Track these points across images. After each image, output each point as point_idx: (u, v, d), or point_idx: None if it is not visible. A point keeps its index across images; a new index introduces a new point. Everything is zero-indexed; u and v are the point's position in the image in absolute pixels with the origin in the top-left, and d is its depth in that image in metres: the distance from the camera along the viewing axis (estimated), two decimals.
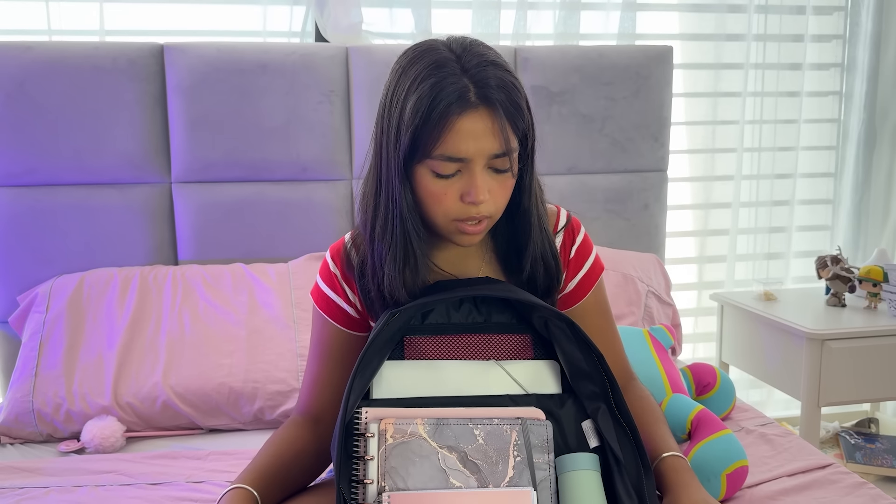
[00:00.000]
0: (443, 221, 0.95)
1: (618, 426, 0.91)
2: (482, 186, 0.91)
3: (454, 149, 0.89)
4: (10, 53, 1.79)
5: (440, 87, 0.88)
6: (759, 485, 1.33)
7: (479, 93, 0.89)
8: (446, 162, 0.90)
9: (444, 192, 0.92)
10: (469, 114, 0.88)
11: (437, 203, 0.93)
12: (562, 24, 2.24)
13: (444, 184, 0.92)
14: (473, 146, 0.89)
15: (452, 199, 0.92)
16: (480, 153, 0.90)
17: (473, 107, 0.89)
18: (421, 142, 0.89)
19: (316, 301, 1.09)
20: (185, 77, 1.87)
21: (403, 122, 0.90)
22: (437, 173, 0.91)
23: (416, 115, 0.89)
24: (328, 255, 1.08)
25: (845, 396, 2.04)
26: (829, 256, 2.19)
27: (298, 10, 2.10)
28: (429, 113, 0.88)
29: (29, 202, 1.84)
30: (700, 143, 2.47)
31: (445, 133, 0.88)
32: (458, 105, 0.88)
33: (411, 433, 0.86)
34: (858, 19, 2.48)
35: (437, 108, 0.88)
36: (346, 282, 1.06)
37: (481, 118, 0.89)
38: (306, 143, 1.96)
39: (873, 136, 2.52)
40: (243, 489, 0.96)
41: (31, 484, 1.35)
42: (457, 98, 0.88)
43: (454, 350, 0.95)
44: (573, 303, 1.09)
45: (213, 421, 1.64)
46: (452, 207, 0.93)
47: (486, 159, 0.91)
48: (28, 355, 1.65)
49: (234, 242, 1.94)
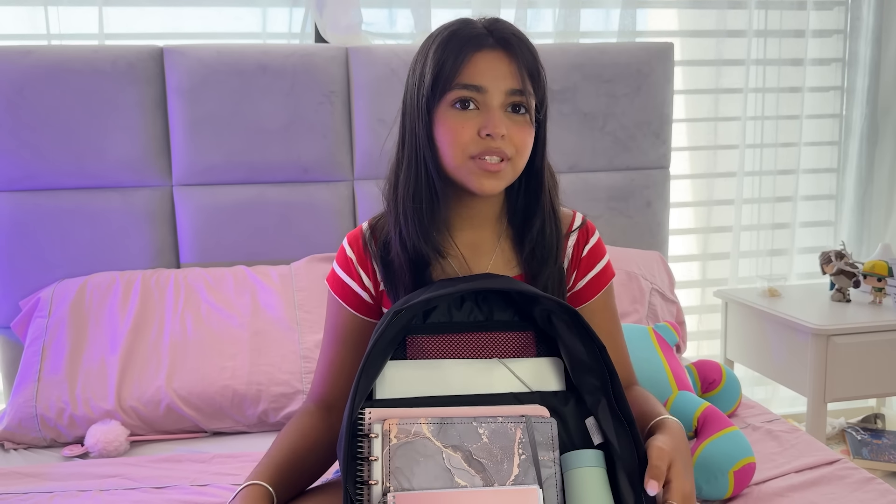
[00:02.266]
0: (460, 163, 0.98)
1: (616, 419, 0.91)
2: (499, 120, 0.96)
3: (472, 77, 0.96)
4: (10, 58, 1.79)
5: (461, 31, 0.98)
6: (766, 481, 1.32)
7: (497, 37, 0.98)
8: (464, 90, 0.96)
9: (462, 126, 0.96)
10: (487, 50, 0.97)
11: (456, 139, 0.97)
12: (562, 21, 2.23)
13: (463, 118, 0.96)
14: (490, 77, 0.96)
15: (470, 134, 0.96)
16: (497, 86, 0.96)
17: (491, 46, 0.97)
18: (441, 76, 0.96)
19: (331, 286, 1.11)
20: (185, 79, 1.87)
21: (427, 65, 0.98)
22: (455, 105, 0.97)
23: (440, 53, 0.97)
24: (345, 241, 1.11)
25: (851, 392, 2.03)
26: (833, 252, 2.18)
27: (298, 11, 2.10)
28: (451, 49, 0.96)
29: (30, 207, 1.84)
30: (702, 140, 2.46)
31: (464, 64, 0.96)
32: (477, 41, 0.97)
33: (415, 433, 0.86)
34: (859, 13, 2.47)
35: (457, 44, 0.96)
36: (361, 266, 1.08)
37: (498, 56, 0.97)
38: (307, 145, 1.95)
39: (876, 130, 2.51)
40: (258, 485, 0.95)
41: (36, 489, 1.35)
42: (476, 37, 0.97)
43: (457, 349, 0.95)
44: (581, 302, 1.11)
45: (217, 424, 1.63)
46: (471, 142, 0.96)
47: (504, 95, 0.97)
48: (31, 360, 1.64)
49: (235, 245, 1.94)
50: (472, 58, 0.96)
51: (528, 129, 0.99)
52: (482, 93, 0.96)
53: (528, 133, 0.99)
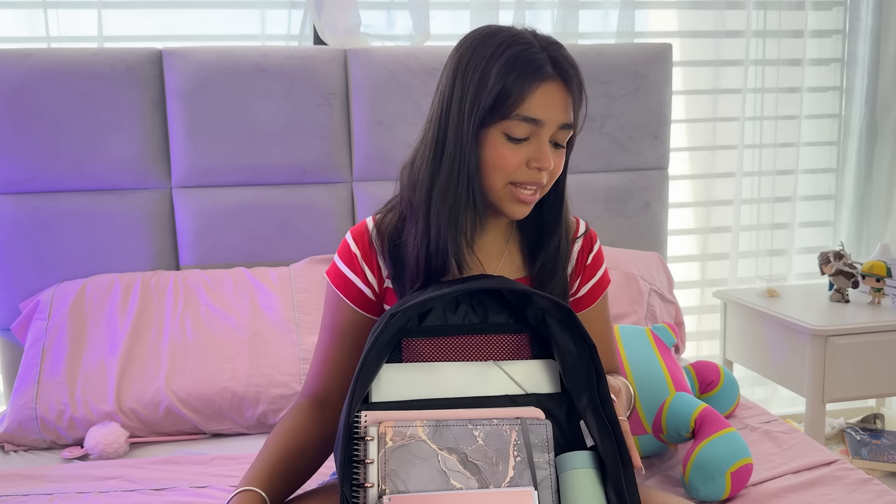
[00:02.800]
0: (500, 186, 1.00)
1: (599, 421, 0.91)
2: (549, 155, 0.98)
3: (533, 111, 0.96)
4: (9, 61, 1.79)
5: (526, 55, 0.96)
6: (763, 482, 1.33)
7: (556, 67, 0.98)
8: (523, 123, 0.97)
9: (512, 155, 0.98)
10: (549, 83, 0.97)
11: (501, 166, 0.98)
12: (560, 23, 2.23)
13: (516, 147, 0.98)
14: (549, 113, 0.97)
15: (518, 164, 0.98)
16: (553, 120, 0.98)
17: (552, 78, 0.97)
18: (502, 102, 0.96)
19: (332, 280, 1.10)
20: (184, 82, 1.88)
21: (487, 85, 0.96)
22: (510, 136, 0.97)
23: (503, 77, 0.95)
24: (349, 236, 1.11)
25: (850, 392, 2.03)
26: (832, 252, 2.18)
27: (296, 13, 2.10)
28: (515, 75, 0.95)
29: (30, 209, 1.84)
30: (700, 141, 2.47)
31: (528, 96, 0.96)
32: (542, 73, 0.96)
33: (411, 436, 0.86)
34: (858, 14, 2.47)
35: (523, 72, 0.95)
36: (366, 262, 1.08)
37: (558, 89, 0.98)
38: (306, 146, 1.96)
39: (875, 130, 2.51)
40: (252, 492, 0.96)
41: (36, 491, 1.35)
42: (540, 67, 0.96)
43: (452, 352, 0.95)
44: (581, 308, 1.14)
45: (217, 425, 1.64)
46: (516, 171, 0.98)
47: (555, 128, 0.99)
48: (30, 362, 1.65)
49: (235, 247, 1.94)
50: (537, 90, 0.96)
51: (563, 158, 1.03)
52: (538, 125, 0.97)
53: (562, 161, 1.03)
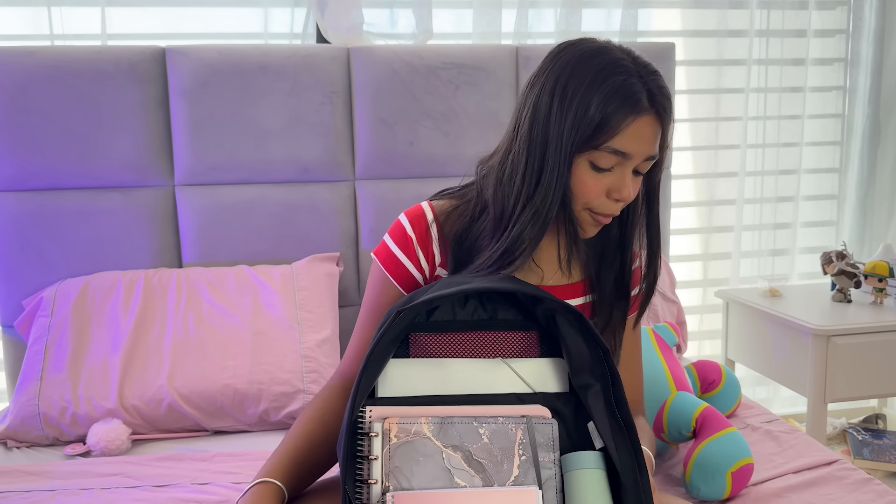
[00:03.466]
0: (579, 210, 1.02)
1: (614, 423, 0.90)
2: (630, 186, 0.99)
3: (624, 145, 0.96)
4: (13, 59, 1.80)
5: (626, 87, 0.95)
6: (764, 482, 1.33)
7: (652, 99, 0.97)
8: (611, 155, 0.97)
9: (595, 185, 0.99)
10: (644, 117, 0.96)
11: (584, 194, 1.00)
12: (563, 22, 2.23)
13: (598, 177, 0.99)
14: (638, 147, 0.97)
15: (599, 193, 0.99)
16: (641, 154, 0.98)
17: (647, 111, 0.97)
18: (597, 133, 0.96)
19: (382, 261, 1.10)
20: (187, 80, 1.88)
21: (588, 114, 0.96)
22: (596, 165, 0.98)
23: (603, 108, 0.95)
24: (406, 219, 1.09)
25: (852, 392, 2.03)
26: (835, 252, 2.18)
27: (299, 11, 2.10)
28: (614, 107, 0.95)
29: (33, 207, 1.84)
30: (703, 140, 2.46)
31: (622, 130, 0.95)
32: (638, 108, 0.96)
33: (415, 432, 0.86)
34: (861, 13, 2.47)
35: (621, 106, 0.95)
36: (422, 247, 1.08)
37: (650, 123, 0.97)
38: (308, 145, 1.96)
39: (878, 130, 2.51)
40: (269, 483, 0.95)
41: (38, 487, 1.35)
42: (638, 101, 0.96)
43: (460, 348, 0.95)
44: None
45: (218, 423, 1.64)
46: (596, 200, 1.00)
47: (641, 161, 0.99)
48: (33, 359, 1.65)
49: (237, 245, 1.94)
50: (633, 124, 0.96)
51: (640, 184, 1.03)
52: (626, 158, 0.98)
53: (638, 188, 1.03)
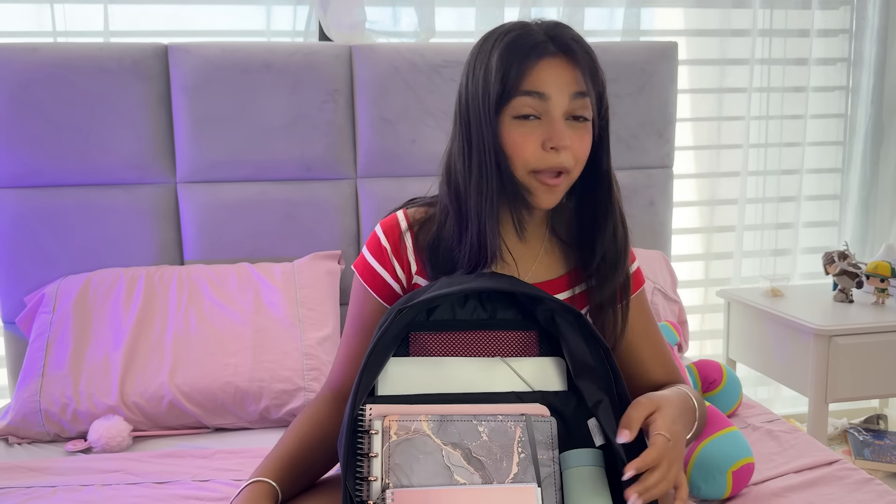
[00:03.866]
0: (524, 176, 0.98)
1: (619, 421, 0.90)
2: (563, 131, 0.96)
3: (535, 85, 0.95)
4: (16, 55, 1.80)
5: (524, 36, 0.97)
6: (765, 482, 1.33)
7: (557, 43, 0.97)
8: (527, 98, 0.95)
9: (525, 139, 0.96)
10: (550, 58, 0.96)
11: (520, 153, 0.97)
12: (565, 20, 2.23)
13: (527, 128, 0.96)
14: (553, 84, 0.96)
15: (534, 147, 0.96)
16: (559, 92, 0.96)
17: (552, 53, 0.97)
18: (507, 83, 0.95)
19: (361, 274, 1.09)
20: (190, 77, 1.88)
21: (491, 71, 0.96)
22: (518, 115, 0.96)
23: (504, 60, 0.96)
24: (380, 229, 1.09)
25: (853, 393, 2.03)
26: (837, 252, 2.18)
27: (302, 9, 2.10)
28: (514, 54, 0.96)
29: (35, 203, 1.85)
30: (705, 140, 2.46)
31: (528, 72, 0.95)
32: (540, 49, 0.96)
33: (415, 430, 0.86)
34: (865, 13, 2.46)
35: (521, 51, 0.96)
36: (396, 257, 1.07)
37: (560, 63, 0.97)
38: (311, 143, 1.96)
39: (881, 130, 2.50)
40: (263, 482, 0.96)
41: (39, 483, 1.36)
42: (538, 44, 0.96)
43: (459, 347, 0.95)
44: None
45: (219, 420, 1.64)
46: (533, 156, 0.97)
47: (567, 101, 0.96)
48: (35, 356, 1.65)
49: (239, 242, 1.94)
50: (536, 65, 0.95)
51: (587, 136, 0.99)
52: (545, 100, 0.95)
53: (586, 141, 0.99)
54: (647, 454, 0.83)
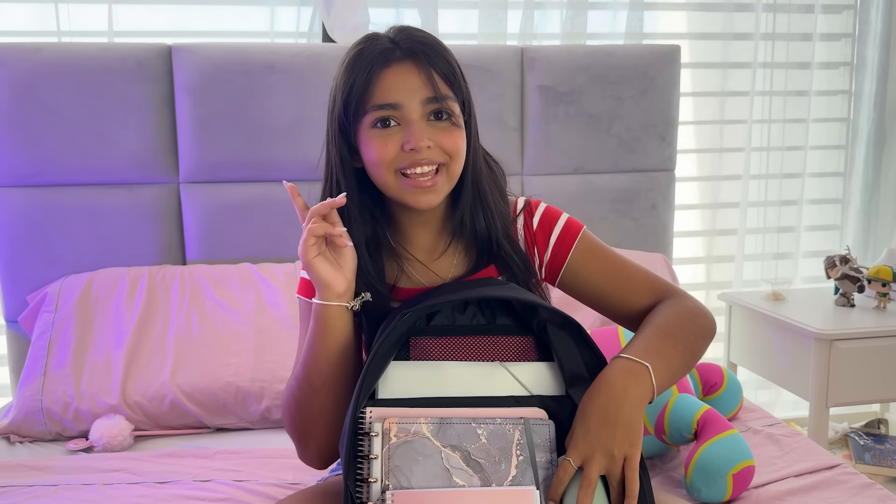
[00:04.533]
0: (392, 179, 0.97)
1: None
2: (420, 132, 0.94)
3: (385, 97, 0.94)
4: (20, 55, 1.81)
5: (368, 48, 0.96)
6: (765, 485, 1.33)
7: (403, 49, 0.96)
8: (379, 111, 0.95)
9: (384, 145, 0.95)
10: (394, 65, 0.95)
11: (380, 158, 0.96)
12: (569, 23, 2.24)
13: (384, 136, 0.95)
14: (403, 92, 0.94)
15: (394, 151, 0.95)
16: (412, 99, 0.95)
17: (398, 59, 0.95)
18: (354, 99, 0.95)
19: (304, 295, 1.09)
20: (193, 78, 1.88)
21: (339, 90, 0.97)
22: (375, 124, 0.96)
23: (347, 75, 0.96)
24: None
25: (854, 397, 2.03)
26: (838, 256, 2.18)
27: (305, 10, 2.11)
28: (357, 69, 0.95)
29: (38, 202, 1.85)
30: (708, 143, 2.46)
31: (374, 84, 0.94)
32: (383, 58, 0.95)
33: (415, 432, 0.87)
34: (868, 17, 2.46)
35: (363, 63, 0.95)
36: None
37: (407, 69, 0.95)
38: (314, 143, 1.94)
39: (883, 135, 2.50)
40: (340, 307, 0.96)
41: (41, 482, 1.36)
42: (381, 53, 0.95)
43: (459, 351, 0.96)
44: (560, 266, 1.09)
45: (221, 420, 1.65)
46: (395, 159, 0.95)
47: (421, 106, 0.95)
48: (37, 354, 1.66)
49: (241, 242, 1.95)
50: (381, 75, 0.94)
51: (456, 131, 0.98)
52: (398, 109, 0.95)
53: (457, 136, 0.97)
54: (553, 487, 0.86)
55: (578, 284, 1.09)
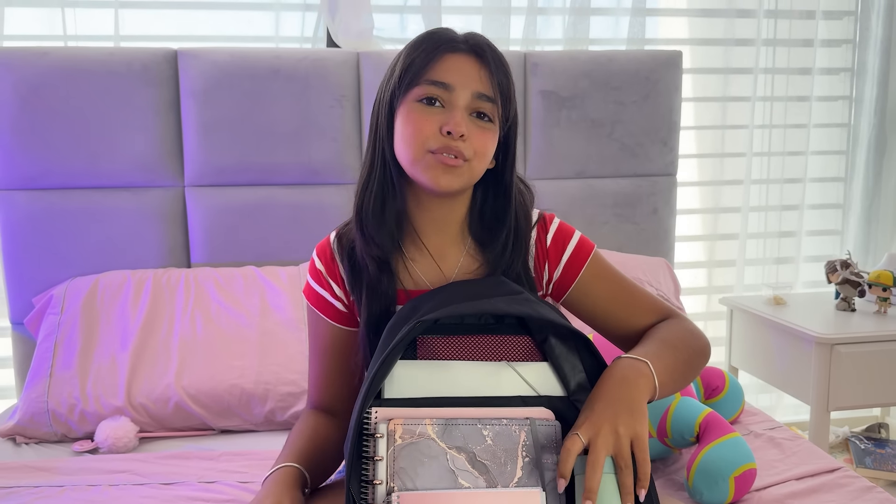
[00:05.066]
0: (420, 155, 0.98)
1: None
2: (461, 120, 0.96)
3: (440, 74, 0.97)
4: (27, 59, 1.82)
5: (437, 34, 1.00)
6: (767, 488, 1.33)
7: (471, 44, 1.00)
8: (431, 86, 0.97)
9: (425, 121, 0.97)
10: (459, 54, 0.99)
11: (417, 132, 0.97)
12: (571, 29, 2.25)
13: (427, 112, 0.97)
14: (458, 77, 0.97)
15: (432, 129, 0.97)
16: (464, 86, 0.97)
17: (460, 50, 0.99)
18: (411, 71, 0.98)
19: (308, 299, 1.13)
20: (199, 82, 1.90)
21: (398, 63, 1.00)
22: (421, 99, 0.98)
23: (410, 53, 0.99)
24: (315, 253, 1.12)
25: (854, 401, 2.03)
26: (839, 261, 2.19)
27: (310, 16, 2.12)
28: (423, 48, 0.99)
29: (44, 205, 1.86)
30: (709, 148, 2.47)
31: (435, 61, 0.98)
32: (451, 44, 0.99)
33: (420, 434, 0.87)
34: (868, 24, 2.47)
35: (431, 44, 0.99)
36: (331, 276, 1.10)
37: (470, 60, 0.99)
38: (317, 148, 1.98)
39: (884, 140, 2.51)
40: (292, 467, 0.98)
41: (47, 483, 1.37)
42: (451, 40, 0.99)
43: (466, 350, 0.96)
44: (568, 285, 1.10)
45: (225, 422, 1.65)
46: (431, 137, 0.97)
47: (470, 97, 0.98)
48: (43, 356, 1.67)
49: (245, 245, 1.96)
50: (444, 57, 0.98)
51: (491, 135, 1.00)
52: (449, 90, 0.97)
53: (489, 139, 1.00)
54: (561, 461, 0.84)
55: (585, 304, 1.11)
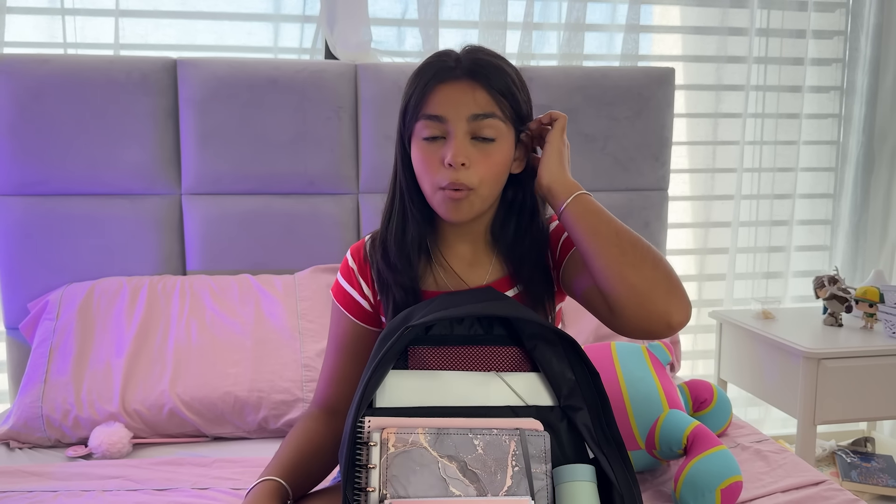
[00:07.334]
0: (432, 192, 1.04)
1: (608, 444, 0.94)
2: (459, 150, 1.00)
3: (435, 108, 1.01)
4: (27, 66, 1.84)
5: (432, 62, 1.04)
6: (752, 500, 1.35)
7: (464, 67, 1.02)
8: (428, 121, 1.02)
9: (429, 159, 1.02)
10: (451, 82, 1.02)
11: (426, 171, 1.03)
12: (566, 44, 2.28)
13: (430, 149, 1.02)
14: (451, 108, 1.01)
15: (437, 166, 1.02)
16: (458, 115, 1.01)
17: (455, 77, 1.02)
18: (411, 106, 1.03)
19: (335, 296, 1.17)
20: (197, 91, 1.92)
21: (404, 96, 1.06)
22: (423, 137, 1.03)
23: (410, 85, 1.05)
24: (349, 252, 1.17)
25: (841, 415, 2.06)
26: (827, 276, 2.22)
27: (309, 27, 2.15)
28: (418, 81, 1.03)
29: (41, 211, 1.88)
30: (700, 163, 2.51)
31: (428, 95, 1.02)
32: (441, 74, 1.02)
33: (412, 442, 0.89)
34: (857, 44, 2.52)
35: (424, 77, 1.03)
36: (362, 276, 1.15)
37: (461, 86, 1.02)
38: (314, 158, 2.00)
39: (872, 158, 2.55)
40: (273, 481, 1.00)
41: (40, 488, 1.38)
42: (441, 69, 1.02)
43: (456, 361, 0.98)
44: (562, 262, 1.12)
45: (218, 429, 1.67)
46: (437, 174, 1.02)
47: (466, 123, 1.01)
48: (38, 362, 1.68)
49: (241, 254, 1.97)
50: (436, 89, 1.01)
51: (497, 155, 1.03)
52: (443, 123, 1.01)
53: (494, 161, 1.03)
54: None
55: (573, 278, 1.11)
